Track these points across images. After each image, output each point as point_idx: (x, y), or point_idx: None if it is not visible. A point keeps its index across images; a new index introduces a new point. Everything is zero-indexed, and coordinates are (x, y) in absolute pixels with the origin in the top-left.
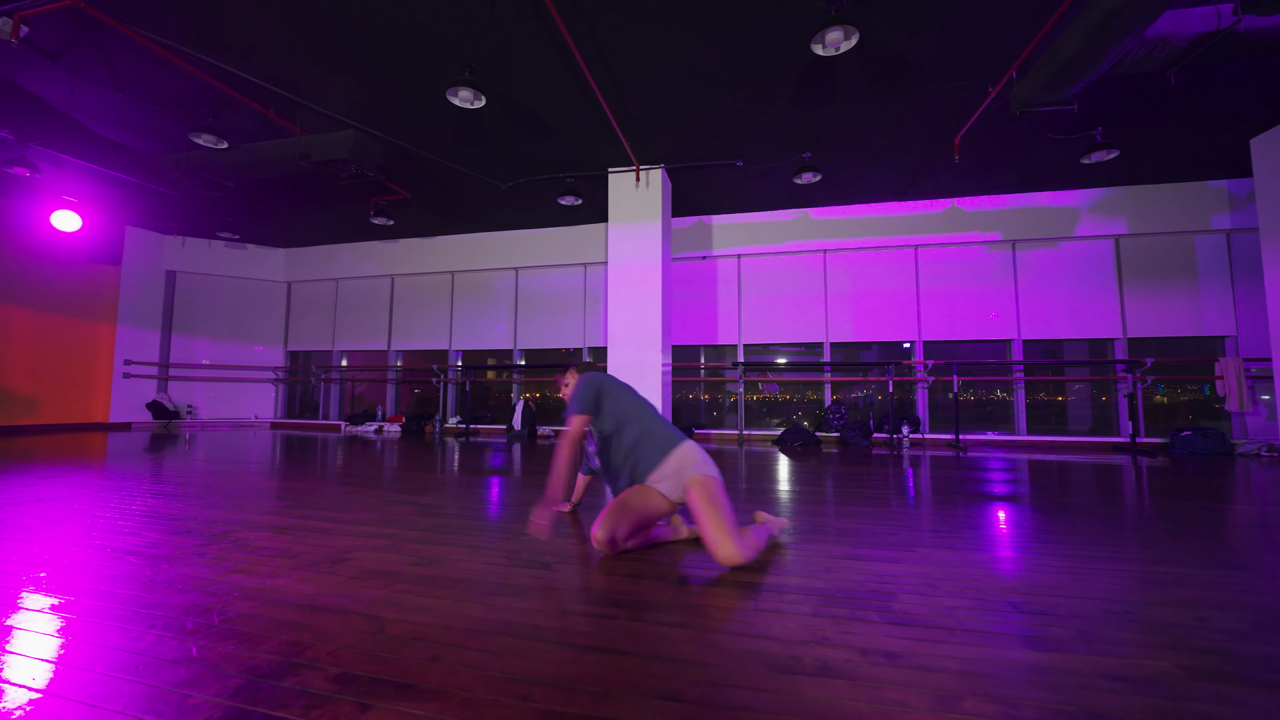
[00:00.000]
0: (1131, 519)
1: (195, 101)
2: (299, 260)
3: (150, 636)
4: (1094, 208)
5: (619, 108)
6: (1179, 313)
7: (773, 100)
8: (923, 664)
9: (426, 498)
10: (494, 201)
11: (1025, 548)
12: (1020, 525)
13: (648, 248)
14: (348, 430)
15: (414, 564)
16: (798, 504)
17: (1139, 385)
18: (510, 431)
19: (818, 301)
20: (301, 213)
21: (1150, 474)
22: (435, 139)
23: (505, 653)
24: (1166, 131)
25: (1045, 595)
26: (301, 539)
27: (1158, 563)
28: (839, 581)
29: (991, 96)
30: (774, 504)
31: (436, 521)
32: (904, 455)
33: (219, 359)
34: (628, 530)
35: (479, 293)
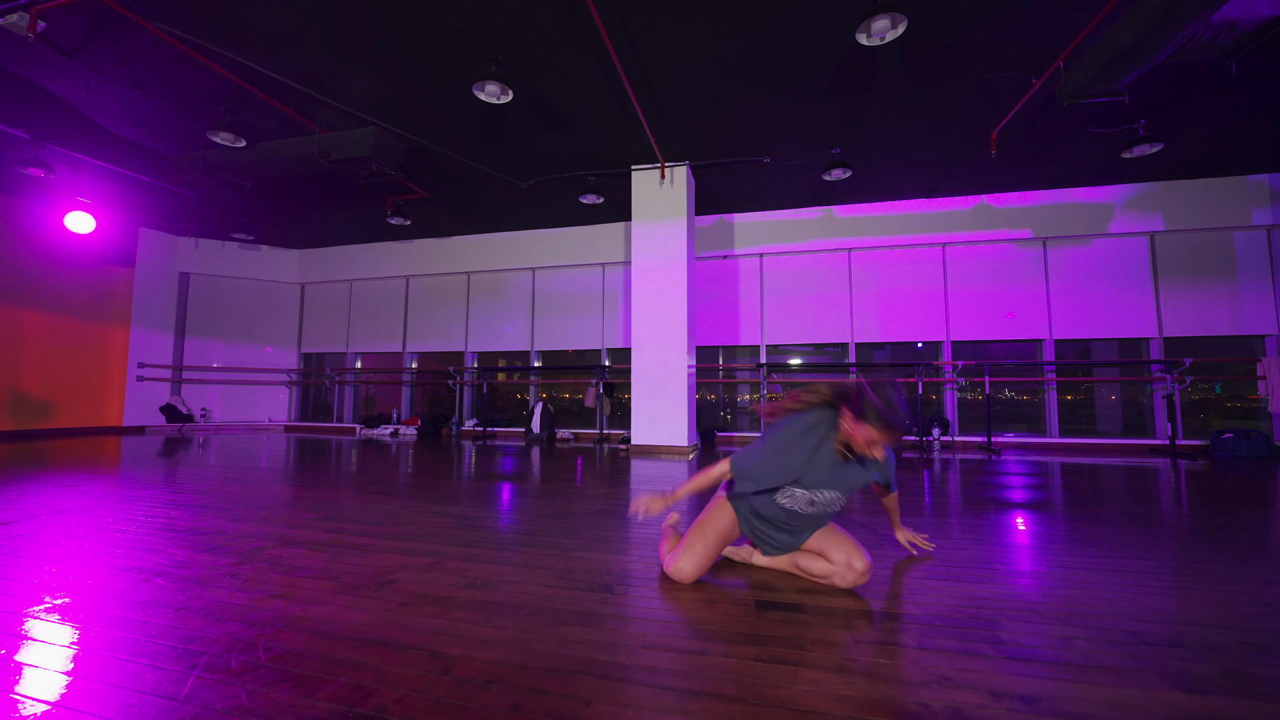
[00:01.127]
0: (1207, 530)
1: (213, 99)
2: (313, 261)
3: (193, 679)
4: (1129, 204)
5: (647, 102)
6: (1217, 311)
7: (806, 94)
8: (1069, 710)
9: (460, 507)
10: (512, 200)
11: (1111, 563)
12: (1094, 538)
13: (672, 247)
14: (363, 433)
15: (465, 586)
16: (850, 514)
17: (1177, 386)
18: (529, 434)
19: (842, 301)
20: (317, 213)
21: (1201, 479)
22: (457, 136)
23: (594, 698)
24: (1211, 124)
25: (1163, 622)
26: (339, 557)
27: (1263, 582)
28: (930, 606)
29: (1035, 88)
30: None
31: (477, 535)
32: (935, 458)
33: (232, 361)
34: (712, 560)
35: (495, 293)
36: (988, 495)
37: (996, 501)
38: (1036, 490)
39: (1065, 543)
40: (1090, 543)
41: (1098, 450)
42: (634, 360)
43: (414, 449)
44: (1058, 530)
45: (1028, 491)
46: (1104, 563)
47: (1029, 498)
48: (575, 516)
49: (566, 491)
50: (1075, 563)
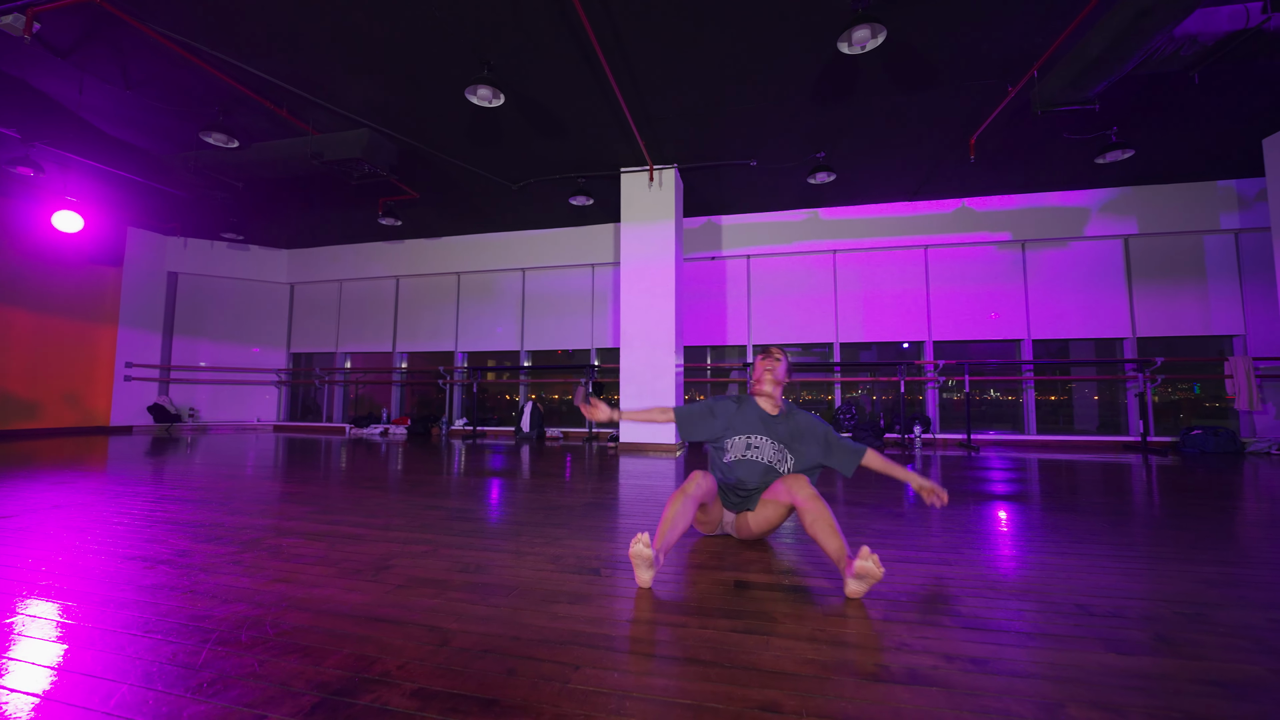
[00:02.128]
0: (1165, 519)
1: (206, 100)
2: (302, 261)
3: (207, 651)
4: (1104, 208)
5: (637, 107)
6: (1187, 312)
7: (792, 100)
8: (1012, 670)
9: (452, 501)
10: (503, 202)
11: (1071, 548)
12: (1058, 526)
13: (660, 248)
14: (352, 433)
15: (459, 571)
16: (834, 505)
17: (1149, 384)
18: (519, 433)
19: (827, 302)
20: (307, 214)
21: (1168, 473)
22: (449, 138)
23: (583, 664)
24: (1180, 131)
25: (1108, 597)
26: (337, 546)
27: (1207, 563)
28: (899, 585)
29: (1011, 95)
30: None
31: (470, 526)
32: (916, 455)
33: (221, 361)
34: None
35: (485, 294)
36: (965, 489)
37: (973, 494)
38: (1011, 484)
39: (1033, 530)
40: (1056, 530)
41: (1073, 447)
42: (623, 359)
43: (404, 448)
44: (1027, 520)
45: (1003, 485)
46: (1066, 548)
47: (1003, 491)
48: (564, 509)
49: (556, 486)
50: (1039, 548)
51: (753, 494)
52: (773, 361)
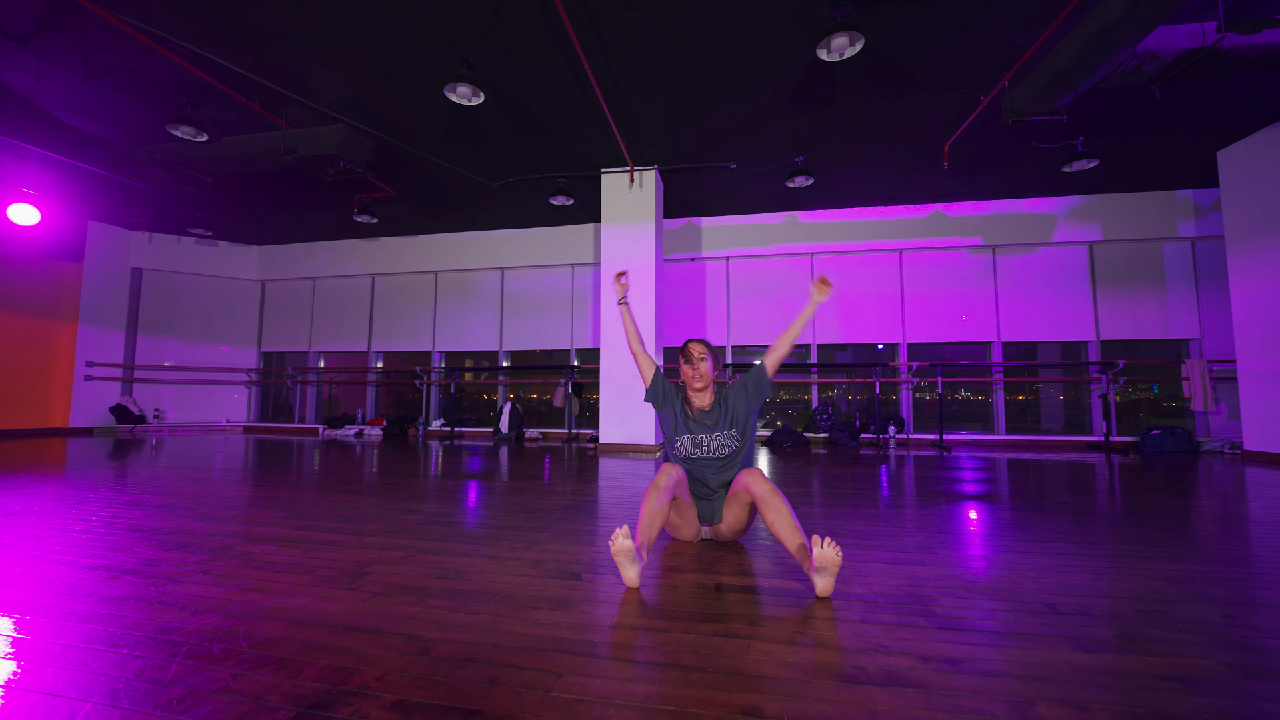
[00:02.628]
0: (1126, 517)
1: (174, 92)
2: (274, 258)
3: (176, 665)
4: (1070, 215)
5: (618, 108)
6: (1148, 316)
7: (771, 104)
8: (985, 669)
9: (430, 505)
10: (481, 200)
11: (1039, 547)
12: (1027, 525)
13: (641, 249)
14: (326, 434)
15: (439, 577)
16: (811, 506)
17: (1112, 386)
18: (497, 434)
19: (804, 303)
20: (279, 210)
21: (1129, 472)
22: (428, 136)
23: (565, 672)
24: (1142, 143)
25: (1074, 595)
26: (312, 552)
27: (1165, 560)
28: (875, 586)
29: (983, 105)
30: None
31: (448, 531)
32: (891, 455)
33: (188, 360)
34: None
35: (464, 293)
36: (938, 488)
37: (946, 494)
38: (982, 483)
39: (1003, 530)
40: (1025, 529)
41: (1040, 446)
42: (602, 360)
43: (379, 450)
44: (998, 519)
45: (974, 484)
46: (1035, 547)
47: (975, 490)
48: (544, 512)
49: (535, 489)
50: (1010, 547)
51: (717, 494)
52: (696, 364)
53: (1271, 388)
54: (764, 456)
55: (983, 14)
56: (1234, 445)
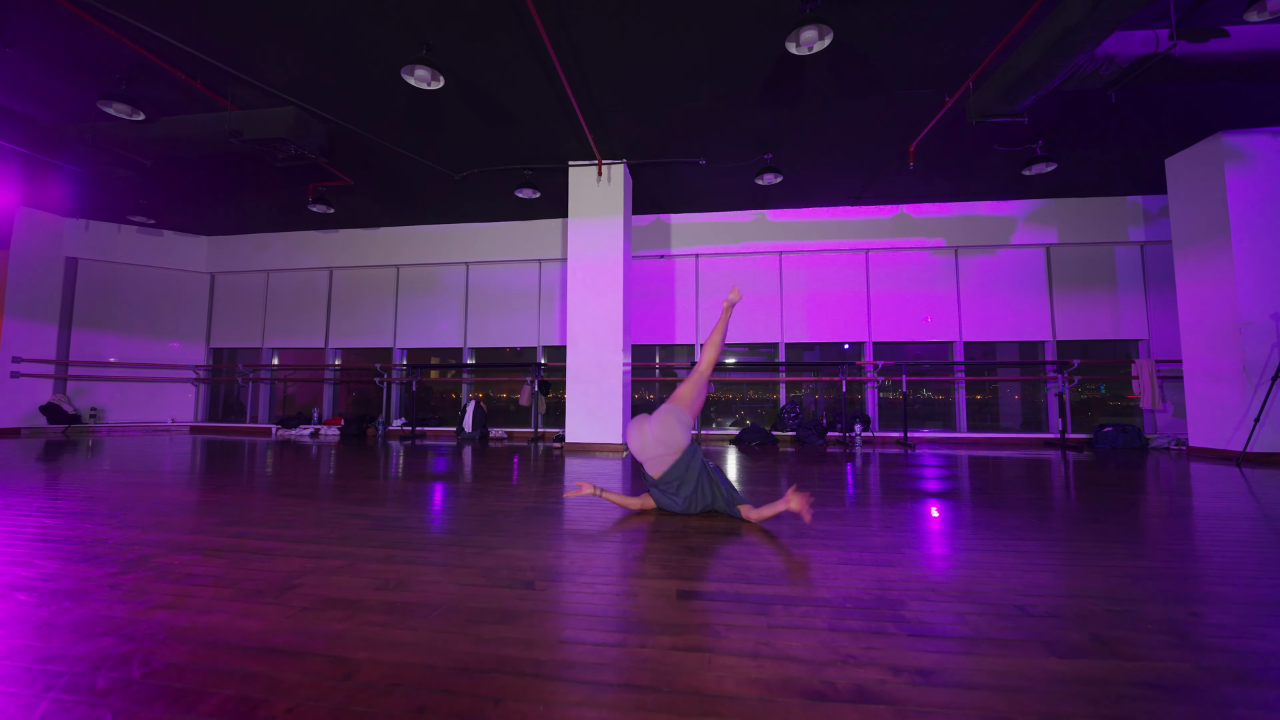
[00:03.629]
0: (1085, 512)
1: (106, 65)
2: (224, 249)
3: (47, 703)
4: (1029, 218)
5: (585, 99)
6: (1100, 317)
7: (741, 99)
8: (959, 681)
9: (380, 509)
10: (445, 192)
11: (1005, 545)
12: (991, 523)
13: (609, 244)
14: (279, 434)
15: (378, 588)
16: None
17: (1067, 385)
18: (460, 434)
19: (773, 302)
20: (229, 197)
21: (1084, 468)
22: (386, 122)
23: (505, 696)
24: (1097, 148)
25: (1043, 595)
26: (240, 562)
27: (1127, 556)
28: (842, 590)
29: (948, 105)
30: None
31: (397, 536)
32: (857, 453)
33: (130, 356)
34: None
35: (427, 288)
36: (903, 486)
37: (910, 492)
38: (945, 481)
39: (969, 527)
40: (989, 527)
41: (1000, 444)
42: (569, 357)
43: (336, 450)
44: (962, 516)
45: (938, 481)
46: (1000, 545)
47: (939, 487)
48: (503, 515)
49: (496, 490)
50: (975, 545)
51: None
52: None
53: (1214, 387)
54: (732, 455)
55: (949, 14)
56: (1179, 442)
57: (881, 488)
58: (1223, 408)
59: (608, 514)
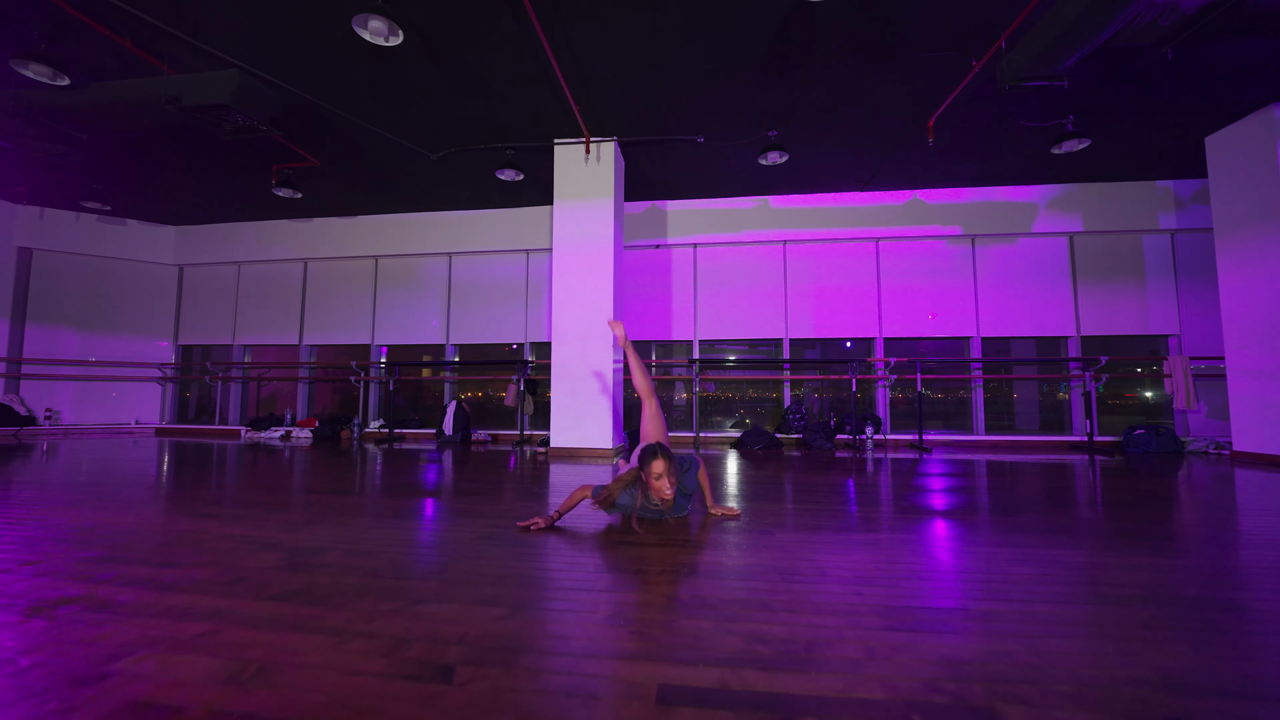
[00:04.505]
0: (1175, 547)
1: (16, 19)
2: (193, 240)
3: None
4: (1051, 204)
5: (569, 63)
6: (1128, 311)
7: (742, 66)
8: None
9: (305, 534)
10: (423, 175)
11: (1118, 609)
12: (1069, 564)
13: (598, 230)
14: (248, 436)
15: (226, 679)
16: (785, 529)
17: (1094, 384)
18: (440, 437)
19: (777, 295)
20: (190, 182)
21: (1127, 479)
22: (346, 91)
23: None
24: (1133, 125)
25: (1207, 695)
26: (65, 626)
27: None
28: (902, 683)
29: (975, 70)
30: (781, 524)
31: (299, 581)
32: (869, 457)
33: (91, 354)
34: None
35: (407, 281)
36: (933, 501)
37: (945, 510)
38: (979, 494)
39: (1048, 570)
40: (1071, 570)
41: (1021, 447)
42: (554, 354)
43: (305, 455)
44: (1035, 553)
45: (970, 495)
46: (1113, 609)
47: (975, 503)
48: (451, 545)
49: (457, 507)
50: (1082, 610)
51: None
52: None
53: (1262, 385)
54: (733, 459)
55: None
56: (1219, 445)
57: (908, 503)
58: (1273, 408)
59: (574, 547)
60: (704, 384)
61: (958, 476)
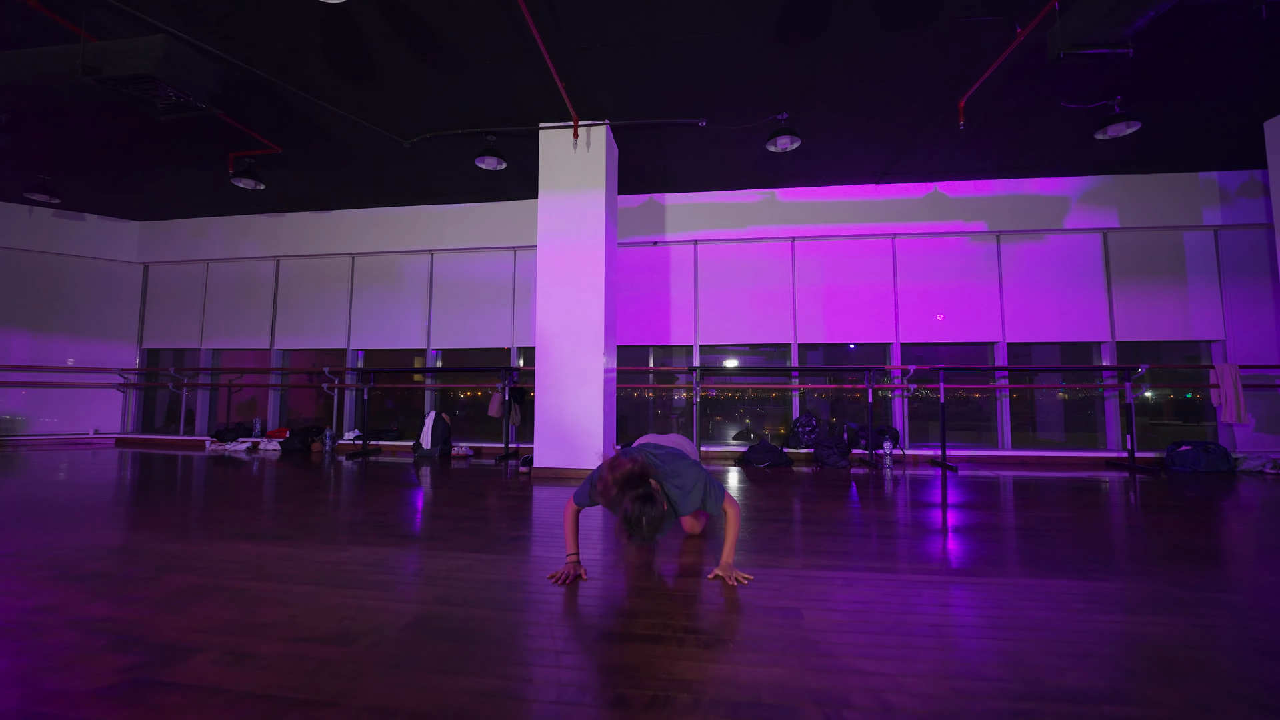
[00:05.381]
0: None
1: None
2: (158, 236)
3: None
4: (1084, 197)
5: (551, 32)
6: (1167, 315)
7: (751, 31)
8: None
9: (186, 616)
10: (396, 164)
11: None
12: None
13: (588, 225)
14: (213, 449)
15: None
16: (844, 615)
17: (1133, 395)
18: (418, 450)
19: (784, 297)
20: (137, 170)
21: (1187, 507)
22: (299, 63)
23: None
24: (1187, 107)
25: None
26: None
27: None
28: None
29: (1020, 39)
30: (808, 595)
31: (127, 663)
32: (887, 476)
33: (45, 358)
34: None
35: (386, 279)
36: (982, 542)
37: (1006, 558)
38: (1031, 532)
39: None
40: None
41: (1053, 464)
42: (538, 362)
43: (265, 471)
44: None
45: (1019, 532)
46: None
47: (1033, 548)
48: (371, 640)
49: (400, 565)
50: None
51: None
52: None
53: None
54: (737, 478)
55: None
56: (1277, 464)
57: (954, 546)
58: None
59: (551, 653)
60: (705, 388)
61: (985, 505)
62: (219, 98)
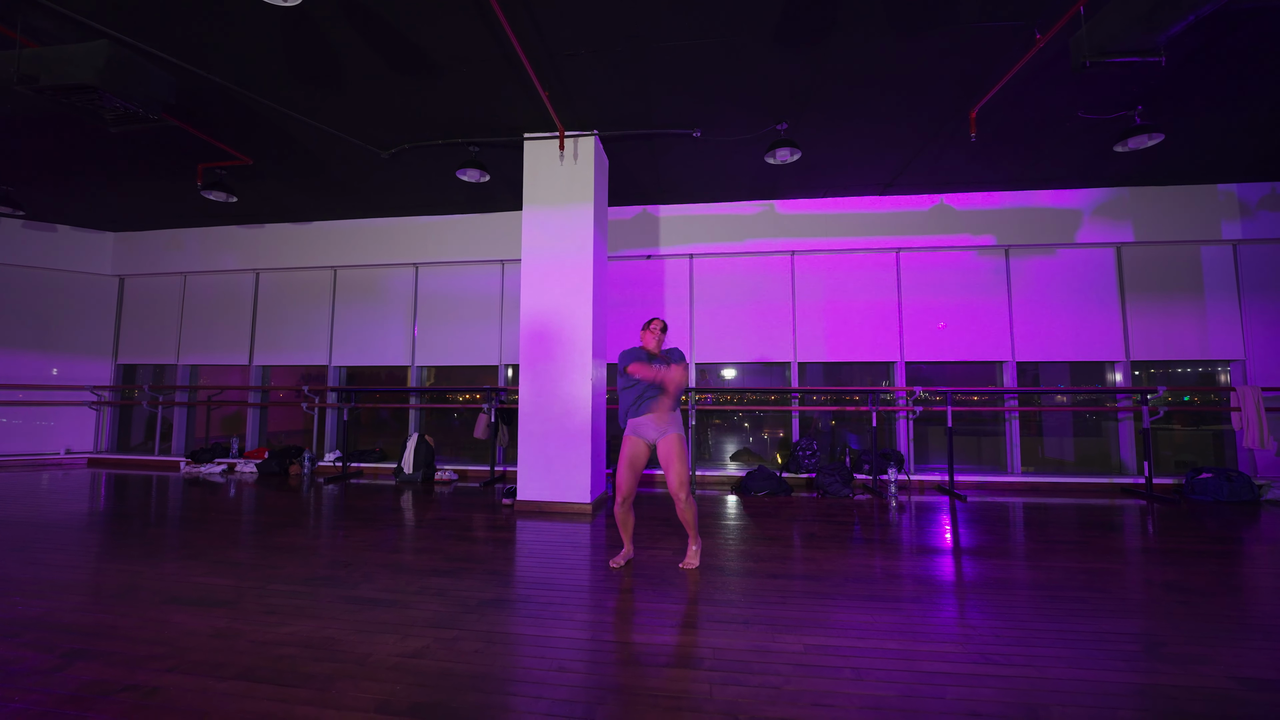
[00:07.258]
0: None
1: None
2: (134, 248)
3: None
4: (1097, 210)
5: (530, 36)
6: (1185, 333)
7: (748, 35)
8: None
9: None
10: (375, 176)
11: None
12: None
13: (576, 239)
14: (187, 470)
15: None
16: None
17: (1151, 417)
18: (399, 474)
19: (784, 313)
20: (103, 182)
21: (1208, 539)
22: (261, 70)
23: None
24: (1208, 117)
25: None
26: None
27: None
28: None
29: (1039, 45)
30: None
31: None
32: (892, 504)
33: (13, 375)
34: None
35: (369, 294)
36: (1012, 592)
37: (1049, 622)
38: (1066, 573)
39: None
40: None
41: (1065, 490)
42: (522, 385)
43: (235, 497)
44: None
45: (1053, 571)
46: None
47: (1078, 599)
48: None
49: (334, 644)
50: None
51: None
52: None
53: None
54: (734, 506)
55: None
56: None
57: (980, 602)
58: None
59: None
60: (701, 393)
61: (1017, 555)
62: (176, 108)
